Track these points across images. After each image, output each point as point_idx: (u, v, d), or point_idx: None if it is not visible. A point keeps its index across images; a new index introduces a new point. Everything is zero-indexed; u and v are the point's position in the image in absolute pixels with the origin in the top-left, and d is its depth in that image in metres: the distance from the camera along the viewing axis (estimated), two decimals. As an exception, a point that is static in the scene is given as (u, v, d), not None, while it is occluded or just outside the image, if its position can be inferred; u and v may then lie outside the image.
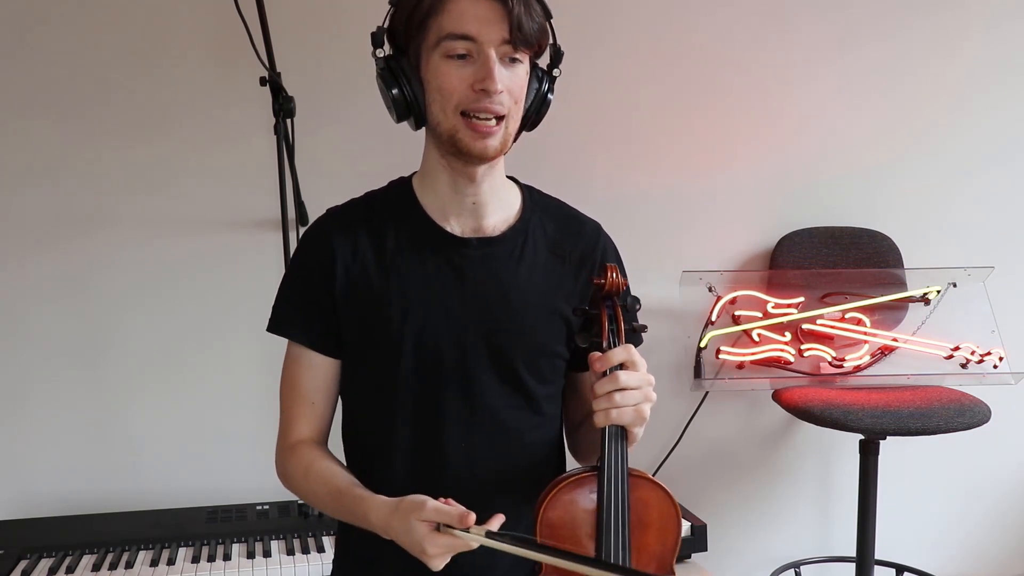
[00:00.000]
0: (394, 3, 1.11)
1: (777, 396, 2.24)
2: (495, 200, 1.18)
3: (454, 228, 1.17)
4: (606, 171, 2.35)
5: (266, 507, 2.01)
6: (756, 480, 2.55)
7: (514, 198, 1.22)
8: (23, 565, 1.75)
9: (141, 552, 1.80)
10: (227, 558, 1.77)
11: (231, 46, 1.84)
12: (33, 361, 2.08)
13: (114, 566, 1.74)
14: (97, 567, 1.73)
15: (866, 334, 2.34)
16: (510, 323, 1.16)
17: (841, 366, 2.32)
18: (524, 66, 1.10)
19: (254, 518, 1.96)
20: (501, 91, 1.05)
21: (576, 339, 1.11)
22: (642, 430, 1.07)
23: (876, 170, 2.50)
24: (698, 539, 2.00)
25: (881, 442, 2.14)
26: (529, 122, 1.15)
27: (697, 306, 2.34)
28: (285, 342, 1.21)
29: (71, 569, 1.72)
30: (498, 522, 0.97)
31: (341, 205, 1.23)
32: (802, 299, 2.34)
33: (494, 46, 1.04)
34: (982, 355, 2.33)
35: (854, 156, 2.49)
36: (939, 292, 2.37)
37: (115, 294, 2.11)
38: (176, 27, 2.08)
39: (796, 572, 2.46)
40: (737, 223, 2.45)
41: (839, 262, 2.40)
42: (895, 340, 2.36)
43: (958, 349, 2.34)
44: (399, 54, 1.12)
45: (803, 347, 2.32)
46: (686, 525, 1.96)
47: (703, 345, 2.30)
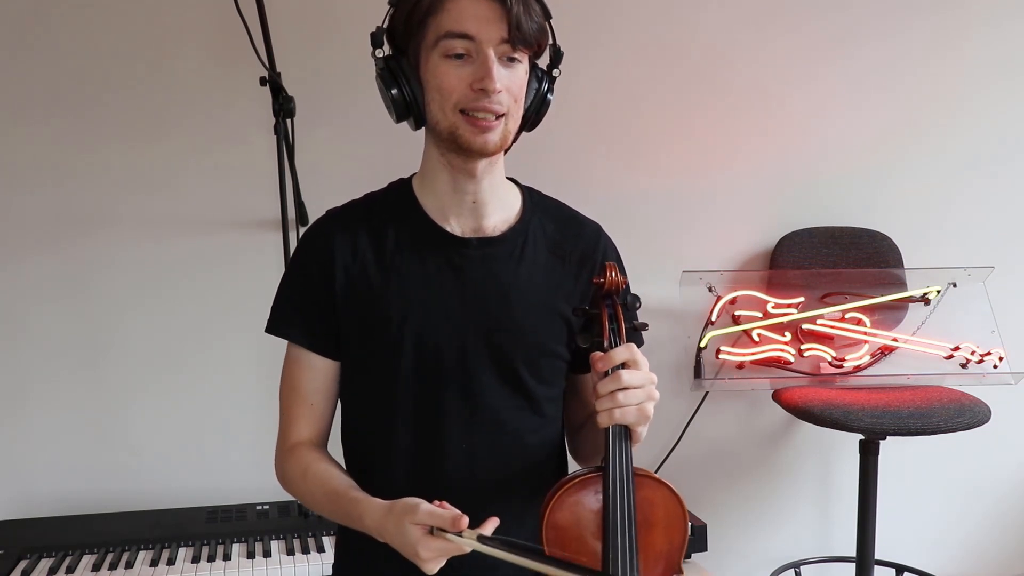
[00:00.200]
0: (393, 3, 1.11)
1: (777, 396, 2.24)
2: (495, 200, 1.18)
3: (454, 228, 1.17)
4: (606, 171, 2.35)
5: (266, 507, 2.01)
6: (756, 480, 2.55)
7: (514, 199, 1.22)
8: (23, 565, 1.75)
9: (141, 552, 1.80)
10: (227, 558, 1.77)
11: (231, 46, 1.84)
12: (33, 361, 2.09)
13: (114, 566, 1.74)
14: (97, 567, 1.74)
15: (866, 334, 2.34)
16: (510, 323, 1.16)
17: (841, 366, 2.32)
18: (523, 66, 1.10)
19: (254, 518, 1.96)
20: (500, 90, 1.05)
21: (577, 339, 1.11)
22: (646, 429, 1.06)
23: (876, 170, 2.50)
24: (698, 539, 2.00)
25: (881, 442, 2.14)
26: (529, 122, 1.16)
27: (697, 306, 2.34)
28: (285, 342, 1.20)
29: (71, 569, 1.72)
30: (492, 525, 0.96)
31: (340, 206, 1.22)
32: (802, 299, 2.34)
33: (493, 45, 1.05)
34: (982, 355, 2.33)
35: (854, 156, 2.49)
36: (939, 292, 2.37)
37: (115, 294, 2.11)
38: (176, 27, 2.08)
39: (796, 572, 2.46)
40: (737, 223, 2.45)
41: (839, 262, 2.40)
42: (895, 340, 2.36)
43: (958, 349, 2.34)
44: (398, 54, 1.13)
45: (803, 347, 2.32)
46: (687, 525, 1.97)
47: (703, 345, 2.30)
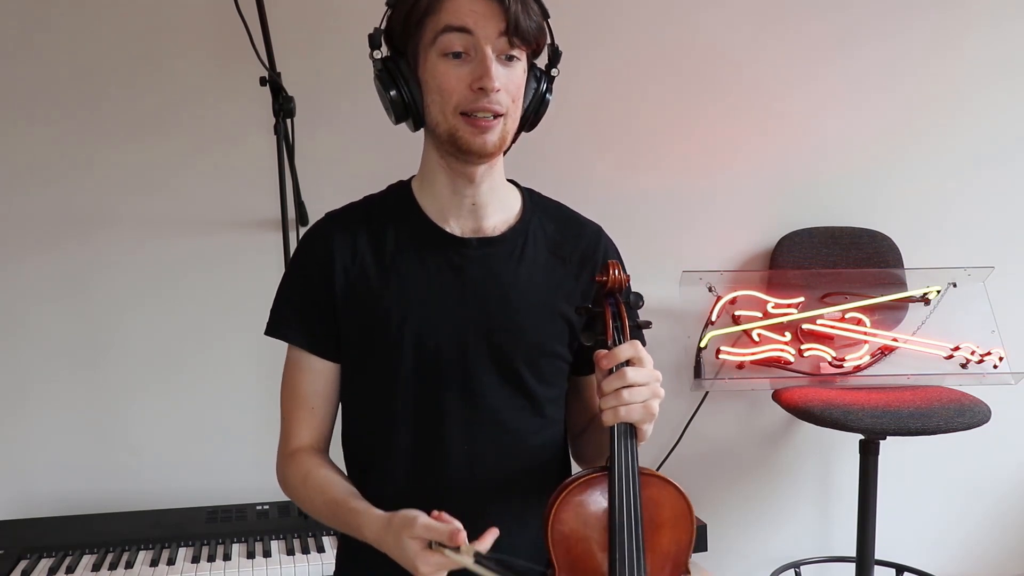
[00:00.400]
0: (391, 4, 1.11)
1: (777, 396, 2.24)
2: (494, 201, 1.18)
3: (454, 229, 1.17)
4: (606, 171, 2.35)
5: (266, 507, 2.01)
6: (756, 480, 2.55)
7: (514, 200, 1.22)
8: (23, 565, 1.75)
9: (141, 552, 1.80)
10: (227, 558, 1.77)
11: (231, 46, 1.84)
12: (33, 361, 2.08)
13: (114, 566, 1.74)
14: (97, 567, 1.73)
15: (866, 334, 2.34)
16: (510, 323, 1.15)
17: (841, 366, 2.32)
18: (522, 64, 1.10)
19: (254, 518, 1.96)
20: (498, 89, 1.05)
21: (580, 338, 1.10)
22: (651, 428, 1.05)
23: (876, 170, 2.50)
24: (698, 539, 2.00)
25: (881, 442, 2.14)
26: (528, 122, 1.15)
27: (697, 306, 2.34)
28: (285, 343, 1.20)
29: (71, 569, 1.72)
30: (491, 537, 0.94)
31: (339, 208, 1.22)
32: (802, 299, 2.34)
33: (490, 43, 1.04)
34: (982, 355, 2.33)
35: (854, 156, 2.49)
36: (939, 292, 2.37)
37: (115, 294, 2.11)
38: (176, 27, 2.08)
39: (796, 572, 2.46)
40: (737, 223, 2.45)
41: (839, 262, 2.40)
42: (895, 340, 2.36)
43: (958, 349, 2.34)
44: (397, 56, 1.12)
45: (803, 347, 2.32)
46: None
47: (703, 345, 2.30)
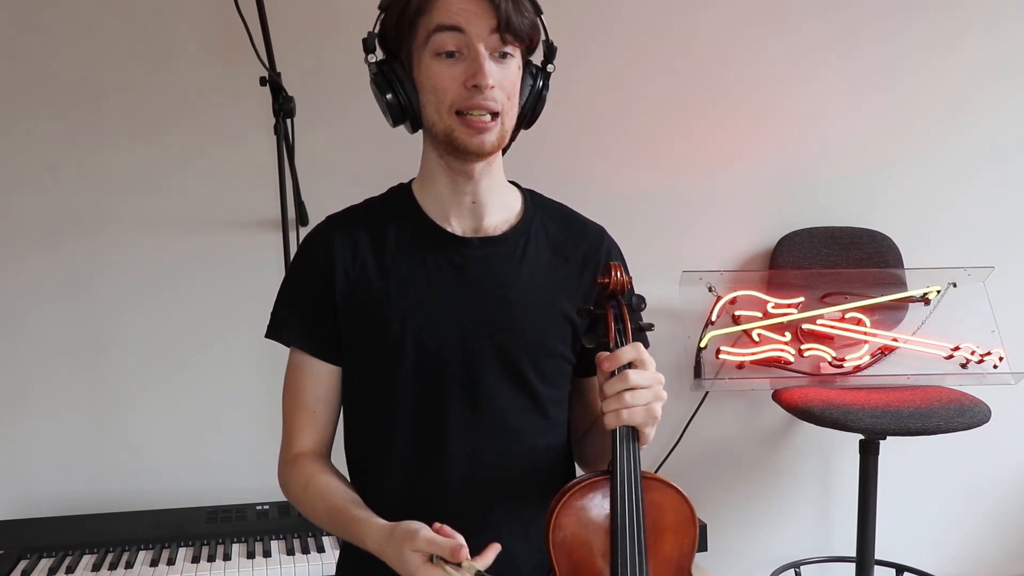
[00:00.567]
0: (383, 7, 1.11)
1: (777, 396, 2.24)
2: (495, 200, 1.18)
3: (455, 228, 1.17)
4: (606, 171, 2.35)
5: (266, 507, 2.01)
6: (756, 480, 2.55)
7: (515, 200, 1.22)
8: (23, 565, 1.75)
9: (141, 552, 1.80)
10: (227, 558, 1.77)
11: (231, 46, 1.84)
12: (33, 361, 2.08)
13: (114, 566, 1.74)
14: (97, 567, 1.73)
15: (866, 334, 2.34)
16: (511, 322, 1.14)
17: (841, 366, 2.32)
18: (516, 61, 1.09)
19: (254, 518, 1.96)
20: (492, 86, 1.05)
21: (583, 340, 1.09)
22: (653, 430, 1.04)
23: (876, 170, 2.50)
24: (698, 539, 2.00)
25: (881, 442, 2.14)
26: (526, 119, 1.15)
27: (697, 306, 2.34)
28: (286, 346, 1.20)
29: (71, 569, 1.72)
30: (493, 553, 0.95)
31: (340, 211, 1.22)
32: (802, 299, 2.34)
33: (483, 40, 1.05)
34: (982, 355, 2.33)
35: (854, 156, 2.49)
36: (939, 292, 2.37)
37: (115, 294, 2.11)
38: (176, 27, 2.08)
39: (796, 572, 2.46)
40: (737, 223, 2.45)
41: (839, 262, 2.40)
42: (895, 340, 2.36)
43: (958, 349, 2.34)
44: (391, 59, 1.13)
45: (803, 347, 2.32)
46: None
47: (703, 345, 2.30)
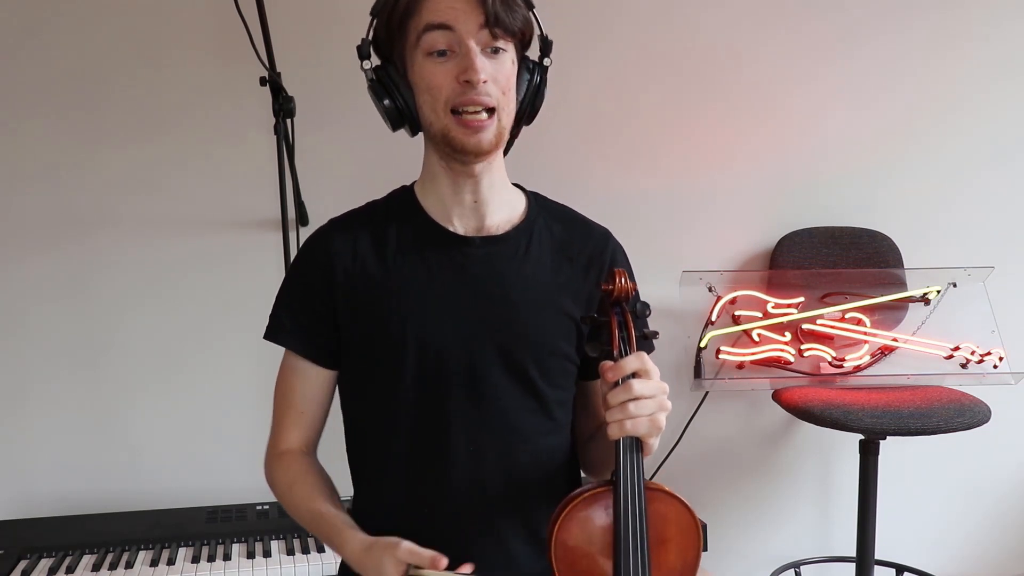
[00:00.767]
0: (374, 12, 1.11)
1: (777, 396, 2.24)
2: (497, 199, 1.17)
3: (457, 228, 1.16)
4: (606, 171, 2.35)
5: (266, 507, 2.01)
6: (756, 480, 2.54)
7: (518, 201, 1.21)
8: (23, 565, 1.75)
9: (141, 552, 1.80)
10: (227, 558, 1.77)
11: (231, 46, 1.84)
12: (33, 361, 2.09)
13: (114, 566, 1.74)
14: (97, 567, 1.73)
15: (866, 334, 2.34)
16: (514, 321, 1.14)
17: (841, 366, 2.32)
18: (509, 56, 1.09)
19: (254, 518, 1.96)
20: (484, 80, 1.04)
21: (586, 348, 1.08)
22: (657, 441, 1.03)
23: (876, 170, 2.50)
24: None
25: (881, 442, 2.14)
26: (525, 115, 1.14)
27: (697, 306, 2.34)
28: (283, 347, 1.20)
29: (71, 569, 1.72)
30: (468, 569, 0.98)
31: (342, 214, 1.22)
32: (802, 299, 2.34)
33: (472, 36, 1.04)
34: (982, 355, 2.33)
35: (854, 156, 2.48)
36: (939, 292, 2.37)
37: (115, 294, 2.11)
38: (176, 27, 2.08)
39: (796, 572, 2.46)
40: (737, 223, 2.45)
41: (839, 262, 2.40)
42: (895, 340, 2.36)
43: (958, 349, 2.34)
44: (386, 63, 1.13)
45: (803, 347, 2.32)
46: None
47: (703, 345, 2.30)
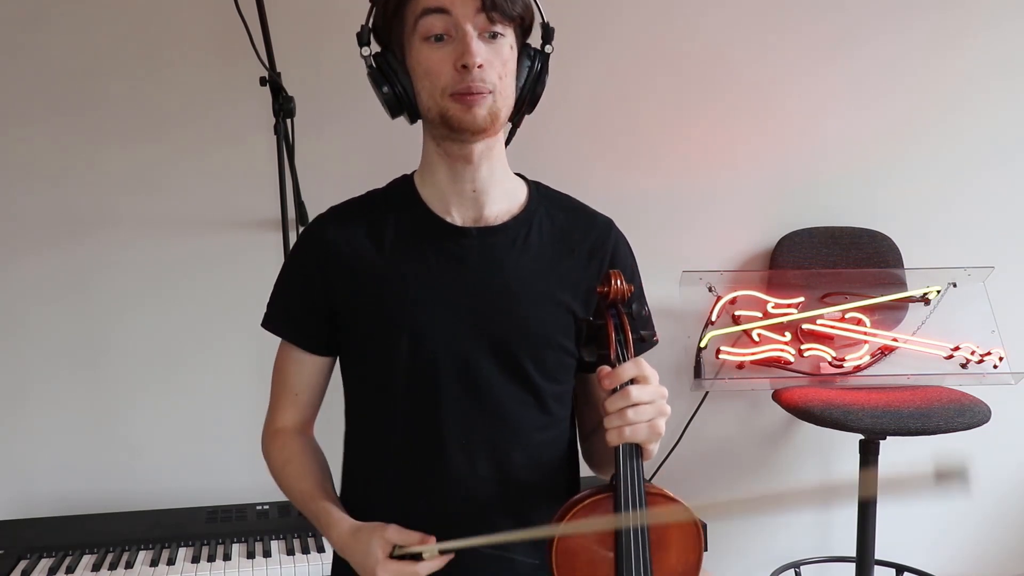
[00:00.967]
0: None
1: (777, 396, 2.24)
2: (496, 189, 1.16)
3: (455, 218, 1.15)
4: (606, 171, 2.35)
5: (266, 507, 2.01)
6: (756, 480, 2.54)
7: (519, 191, 1.20)
8: (23, 565, 1.75)
9: (141, 552, 1.80)
10: (227, 558, 1.77)
11: (231, 46, 1.84)
12: (33, 361, 2.09)
13: (114, 566, 1.74)
14: (97, 567, 1.73)
15: (866, 334, 2.34)
16: (511, 313, 1.12)
17: (841, 366, 2.32)
18: (508, 40, 1.07)
19: (254, 518, 1.96)
20: (480, 64, 1.03)
21: (582, 353, 1.07)
22: (657, 446, 1.03)
23: (876, 170, 2.50)
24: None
25: (881, 442, 2.14)
26: (526, 102, 1.13)
27: (697, 306, 2.34)
28: (278, 336, 1.21)
29: (71, 569, 1.72)
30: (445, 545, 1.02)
31: (341, 203, 1.22)
32: (802, 299, 2.34)
33: (469, 20, 1.03)
34: (982, 355, 2.33)
35: (854, 156, 2.49)
36: (939, 292, 2.37)
37: (115, 294, 2.11)
38: (176, 27, 2.08)
39: (796, 572, 2.46)
40: (737, 223, 2.45)
41: (839, 262, 2.40)
42: (895, 340, 2.36)
43: (958, 349, 2.34)
44: (385, 50, 1.13)
45: (803, 347, 2.32)
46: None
47: (703, 345, 2.30)
